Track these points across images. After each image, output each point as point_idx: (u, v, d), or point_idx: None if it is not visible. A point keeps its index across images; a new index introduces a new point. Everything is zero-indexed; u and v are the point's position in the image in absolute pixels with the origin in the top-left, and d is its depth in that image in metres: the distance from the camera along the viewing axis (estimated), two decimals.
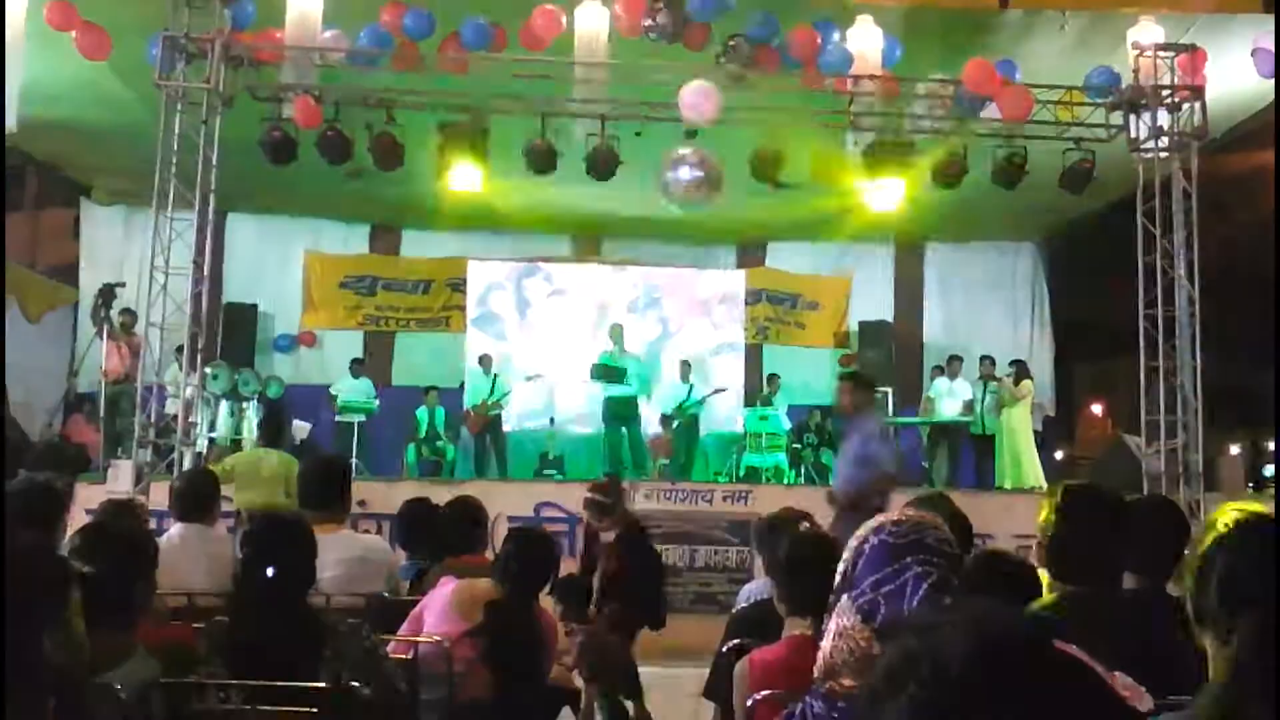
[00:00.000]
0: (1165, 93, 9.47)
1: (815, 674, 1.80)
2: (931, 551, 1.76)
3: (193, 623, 3.20)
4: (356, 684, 2.80)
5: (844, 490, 6.94)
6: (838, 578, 1.81)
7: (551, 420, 13.48)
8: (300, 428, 11.76)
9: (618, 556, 5.63)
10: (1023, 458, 12.11)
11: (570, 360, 13.50)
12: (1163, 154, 9.68)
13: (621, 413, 12.19)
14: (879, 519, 1.82)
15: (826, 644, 1.79)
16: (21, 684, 1.95)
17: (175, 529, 4.59)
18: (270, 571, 2.96)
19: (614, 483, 6.60)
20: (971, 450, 12.57)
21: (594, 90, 9.59)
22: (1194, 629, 1.76)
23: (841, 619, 1.77)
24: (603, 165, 9.79)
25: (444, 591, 3.77)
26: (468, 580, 3.83)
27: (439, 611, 3.69)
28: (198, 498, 4.72)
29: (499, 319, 14.32)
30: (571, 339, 13.96)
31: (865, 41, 9.41)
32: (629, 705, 5.11)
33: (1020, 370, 12.51)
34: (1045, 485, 11.08)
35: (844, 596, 1.78)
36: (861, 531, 1.82)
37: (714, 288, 14.67)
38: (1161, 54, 9.35)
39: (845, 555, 1.82)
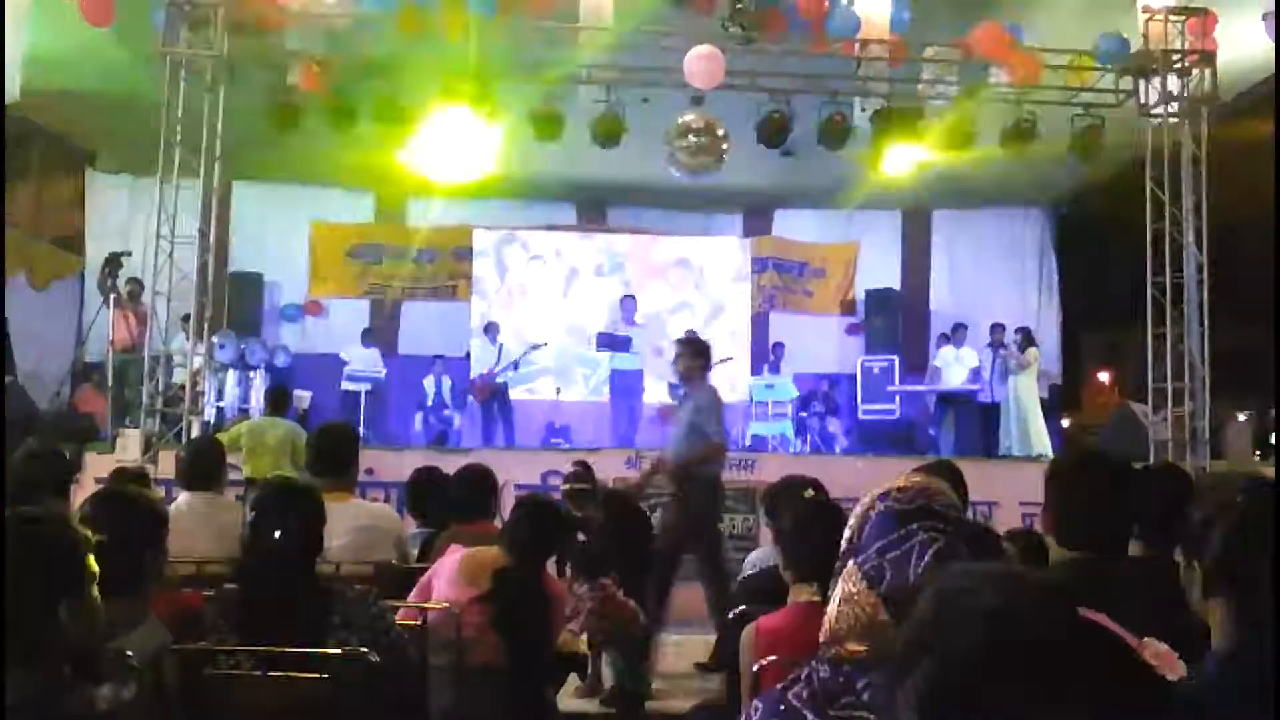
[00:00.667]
0: (1175, 57, 9.38)
1: (821, 639, 1.81)
2: (937, 518, 1.76)
3: (202, 590, 3.22)
4: (365, 650, 2.82)
5: (674, 461, 6.76)
6: (843, 544, 1.82)
7: (558, 390, 13.50)
8: (301, 397, 11.78)
9: (609, 534, 5.67)
10: (1029, 426, 12.11)
11: (548, 326, 13.64)
12: (1172, 119, 9.61)
13: (628, 383, 12.21)
14: (885, 485, 1.82)
15: (832, 610, 1.79)
16: (39, 652, 1.97)
17: (183, 497, 4.62)
18: (278, 537, 2.98)
19: (588, 469, 6.66)
20: (978, 418, 12.55)
21: (600, 56, 9.52)
22: (1193, 595, 1.77)
23: (847, 585, 1.77)
24: (608, 132, 9.74)
25: (452, 559, 3.79)
26: (476, 547, 3.85)
27: (447, 578, 3.72)
28: (205, 466, 4.75)
29: (482, 283, 14.32)
30: (547, 305, 14.09)
31: (873, 5, 9.32)
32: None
33: (1026, 338, 12.49)
34: (1052, 453, 11.09)
35: (849, 562, 1.78)
36: (867, 498, 1.82)
37: (671, 253, 14.63)
38: (1172, 18, 9.25)
39: (851, 521, 1.83)
